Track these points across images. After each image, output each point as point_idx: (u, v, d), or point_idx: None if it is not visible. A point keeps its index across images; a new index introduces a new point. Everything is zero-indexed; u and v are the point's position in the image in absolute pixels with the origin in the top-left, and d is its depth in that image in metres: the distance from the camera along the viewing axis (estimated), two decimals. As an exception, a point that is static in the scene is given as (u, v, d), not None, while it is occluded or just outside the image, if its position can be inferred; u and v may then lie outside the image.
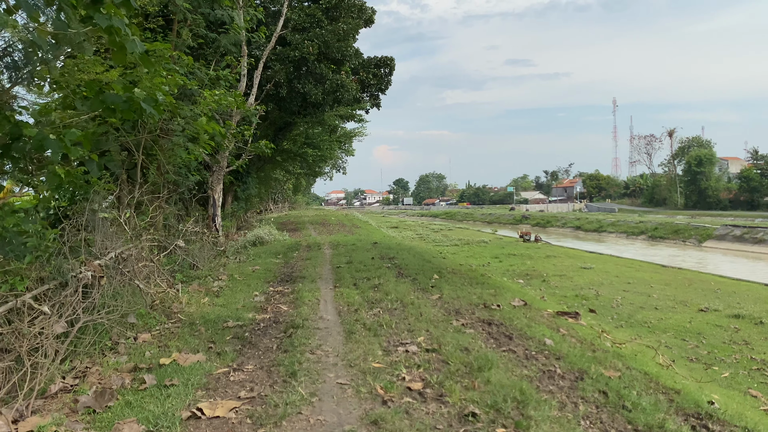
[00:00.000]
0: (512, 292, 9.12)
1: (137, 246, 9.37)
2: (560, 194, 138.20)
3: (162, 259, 10.30)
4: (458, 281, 10.16)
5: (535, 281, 19.24)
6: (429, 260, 13.36)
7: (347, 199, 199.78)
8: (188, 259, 11.04)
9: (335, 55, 20.93)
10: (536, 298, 9.18)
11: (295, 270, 12.02)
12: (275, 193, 62.96)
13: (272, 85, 20.23)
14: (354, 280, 10.32)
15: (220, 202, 20.32)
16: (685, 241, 43.96)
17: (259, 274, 11.46)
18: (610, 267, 23.55)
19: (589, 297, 16.31)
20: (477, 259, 25.97)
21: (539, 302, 8.49)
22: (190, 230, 12.89)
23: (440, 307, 7.75)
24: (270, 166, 29.33)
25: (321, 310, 7.85)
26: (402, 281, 10.02)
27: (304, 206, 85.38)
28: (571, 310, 8.21)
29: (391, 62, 25.70)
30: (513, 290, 9.50)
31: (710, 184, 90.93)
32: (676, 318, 13.82)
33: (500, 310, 7.48)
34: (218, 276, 10.89)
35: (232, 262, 13.32)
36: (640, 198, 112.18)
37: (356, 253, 14.38)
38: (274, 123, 25.54)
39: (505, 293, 8.92)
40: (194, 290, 9.27)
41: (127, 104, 5.97)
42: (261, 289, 9.70)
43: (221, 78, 13.41)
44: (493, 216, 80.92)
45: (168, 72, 10.55)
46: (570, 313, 7.42)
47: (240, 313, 7.54)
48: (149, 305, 7.42)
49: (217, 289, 9.53)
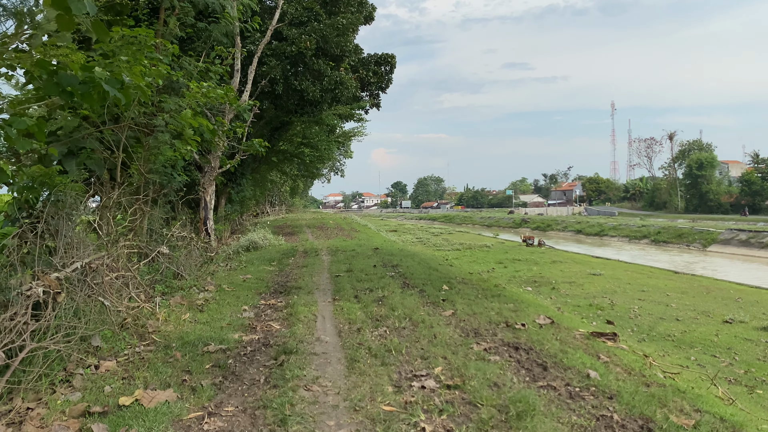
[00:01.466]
0: (534, 307, 8.10)
1: (112, 254, 8.34)
2: (559, 197, 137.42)
3: (141, 268, 9.27)
4: (471, 293, 9.14)
5: (544, 289, 18.24)
6: (435, 268, 12.34)
7: (345, 202, 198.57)
8: (172, 267, 10.01)
9: (334, 50, 19.91)
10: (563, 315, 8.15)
11: (290, 279, 10.99)
12: (272, 196, 61.89)
13: (267, 81, 19.19)
14: (355, 291, 9.30)
15: (212, 204, 19.27)
16: (689, 246, 43.13)
17: (251, 283, 10.43)
18: (620, 273, 22.56)
19: (603, 306, 15.31)
20: (481, 264, 24.98)
21: (567, 319, 7.49)
22: (177, 235, 11.86)
23: (455, 326, 6.72)
24: (265, 168, 28.26)
25: (318, 329, 6.82)
26: (408, 293, 9.00)
27: (301, 209, 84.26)
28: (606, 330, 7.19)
29: (392, 60, 24.73)
30: (534, 304, 8.49)
31: (711, 188, 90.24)
32: (700, 330, 12.82)
33: (526, 331, 6.46)
34: (205, 286, 9.85)
35: (222, 269, 12.28)
36: (640, 201, 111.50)
37: (356, 260, 13.36)
38: (270, 122, 24.52)
39: (526, 308, 7.90)
40: (176, 304, 8.23)
41: (86, 86, 4.95)
42: (251, 301, 8.67)
43: (211, 71, 12.38)
44: (493, 219, 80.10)
45: (151, 61, 9.54)
46: (606, 334, 6.42)
47: (224, 333, 6.51)
48: (119, 324, 6.39)
49: (202, 302, 8.48)
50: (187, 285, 9.58)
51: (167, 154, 10.59)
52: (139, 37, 9.53)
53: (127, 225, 9.60)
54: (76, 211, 8.19)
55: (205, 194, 18.73)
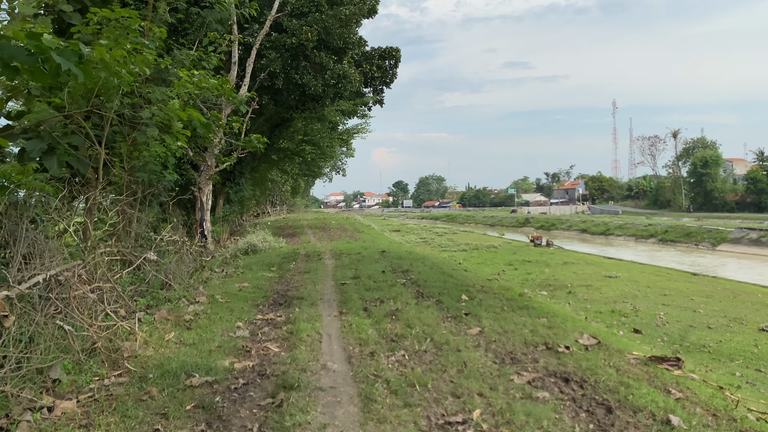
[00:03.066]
0: (571, 322, 7.06)
1: (88, 262, 7.32)
2: (561, 196, 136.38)
3: (123, 278, 8.24)
4: (495, 305, 8.10)
5: (560, 293, 17.18)
6: (450, 274, 11.29)
7: (346, 202, 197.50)
8: (159, 275, 8.98)
9: (336, 42, 18.86)
10: (609, 332, 7.07)
11: (291, 287, 9.95)
12: (273, 196, 60.90)
13: (267, 75, 18.14)
14: (364, 302, 8.26)
15: (209, 205, 18.25)
16: (698, 245, 42.12)
17: (247, 293, 9.39)
18: (637, 275, 21.49)
19: (627, 313, 14.26)
20: (490, 266, 23.94)
21: (615, 339, 6.45)
22: (167, 239, 10.83)
23: (486, 349, 5.69)
24: (265, 166, 27.19)
25: (324, 352, 5.79)
26: (424, 305, 7.97)
27: (302, 209, 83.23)
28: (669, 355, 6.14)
29: (396, 53, 23.68)
30: (569, 318, 7.44)
31: (716, 186, 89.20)
32: (737, 340, 11.75)
33: (571, 355, 5.42)
34: (195, 297, 8.81)
35: (217, 276, 11.24)
36: (643, 200, 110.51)
37: (363, 265, 12.32)
38: (270, 119, 23.47)
39: (562, 324, 6.86)
40: (161, 319, 7.20)
41: (33, 58, 3.92)
42: (247, 316, 7.62)
43: (203, 59, 11.35)
44: (495, 219, 79.12)
45: (135, 46, 8.53)
46: (668, 358, 5.38)
47: (213, 360, 5.47)
48: (87, 350, 5.37)
49: (192, 316, 7.45)
50: (175, 296, 8.54)
51: (156, 150, 9.57)
52: (121, 20, 8.52)
53: (108, 229, 8.58)
54: (44, 215, 7.17)
55: (201, 194, 17.71)
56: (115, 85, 8.32)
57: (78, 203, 8.72)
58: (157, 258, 9.58)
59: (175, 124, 8.78)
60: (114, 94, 8.58)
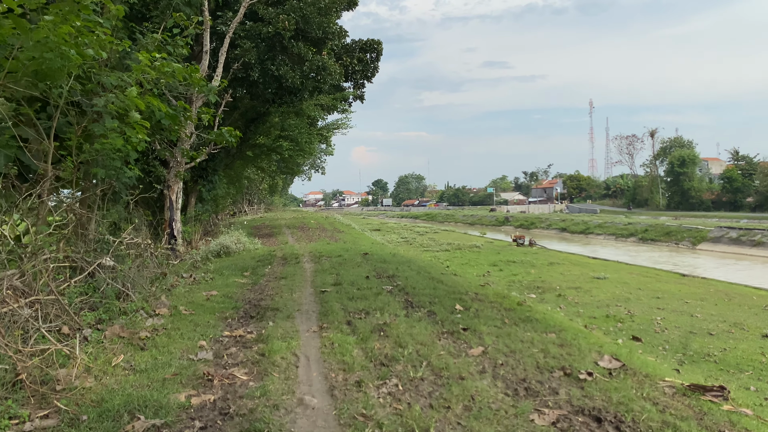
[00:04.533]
0: (584, 338, 6.20)
1: (26, 271, 6.26)
2: (540, 195, 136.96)
3: (72, 288, 7.18)
4: (493, 315, 7.23)
5: (549, 296, 16.49)
6: (439, 279, 10.40)
7: (326, 201, 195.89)
8: (116, 284, 7.92)
9: (315, 32, 17.84)
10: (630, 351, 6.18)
11: (265, 296, 8.96)
12: (250, 194, 59.48)
13: (241, 65, 17.04)
14: (347, 314, 7.33)
15: (179, 204, 17.11)
16: (678, 244, 42.12)
17: (215, 303, 8.37)
18: (625, 276, 20.94)
19: (622, 318, 13.58)
20: (474, 267, 23.22)
21: (638, 359, 5.60)
22: (127, 242, 9.75)
23: (493, 375, 4.81)
24: (240, 163, 25.99)
25: (301, 380, 4.85)
26: (415, 316, 7.07)
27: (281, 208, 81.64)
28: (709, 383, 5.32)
29: (378, 46, 22.71)
30: (581, 333, 6.58)
31: (693, 185, 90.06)
32: (742, 348, 11.11)
33: (595, 383, 4.57)
34: (156, 308, 7.77)
35: (184, 283, 10.18)
36: (621, 199, 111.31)
37: (345, 269, 11.36)
38: (246, 113, 22.33)
39: (574, 340, 6.01)
40: (112, 336, 6.18)
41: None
42: (212, 332, 6.62)
43: (169, 44, 10.27)
44: (475, 218, 78.81)
45: (87, 23, 7.48)
46: (710, 387, 4.55)
47: (166, 393, 4.49)
48: (8, 383, 4.35)
49: (148, 334, 6.43)
50: (133, 308, 7.49)
51: (114, 143, 8.51)
52: (69, -7, 7.47)
53: (54, 232, 7.49)
54: None
55: (171, 192, 16.56)
56: (62, 67, 7.28)
57: (17, 202, 7.63)
58: (114, 263, 8.52)
59: (133, 113, 7.74)
60: (61, 78, 7.53)
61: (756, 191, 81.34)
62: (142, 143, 9.10)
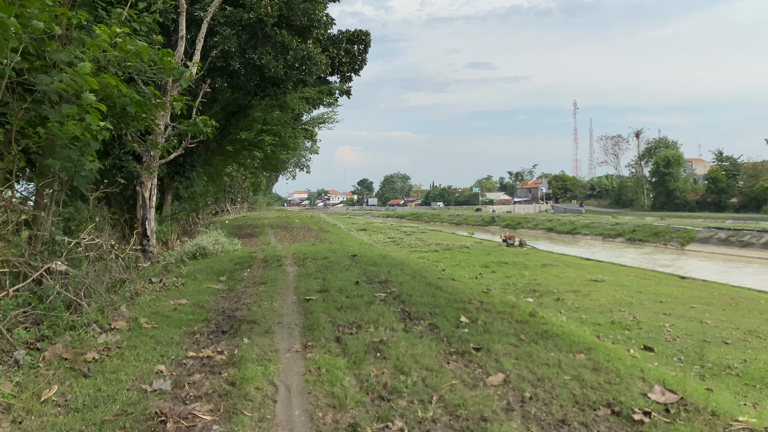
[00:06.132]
0: (618, 358, 5.20)
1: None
2: (525, 195, 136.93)
3: (7, 300, 6.05)
4: (505, 330, 6.23)
5: (548, 300, 15.56)
6: (437, 285, 9.37)
7: (310, 200, 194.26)
8: (66, 293, 6.79)
9: (300, 20, 16.74)
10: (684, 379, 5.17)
11: (242, 305, 7.86)
12: (234, 193, 58.10)
13: (220, 53, 15.86)
14: (335, 328, 6.28)
15: (153, 201, 15.90)
16: (667, 244, 41.77)
17: (183, 313, 7.25)
18: (623, 279, 20.11)
19: (629, 325, 12.69)
20: (465, 268, 22.30)
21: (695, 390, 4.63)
22: (87, 243, 8.60)
23: (523, 415, 3.80)
24: (220, 159, 24.71)
25: (279, 422, 3.79)
26: (415, 331, 6.04)
27: (264, 207, 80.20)
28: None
29: (366, 37, 21.65)
30: (615, 354, 5.55)
31: (678, 186, 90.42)
32: (763, 359, 10.26)
33: (655, 427, 3.58)
34: (113, 321, 6.65)
35: (152, 289, 9.04)
36: (606, 199, 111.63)
37: (332, 273, 10.28)
38: (226, 107, 21.13)
39: (611, 363, 5.01)
40: (53, 358, 5.07)
41: None
42: (175, 352, 5.52)
43: (134, 20, 9.11)
44: (461, 217, 78.27)
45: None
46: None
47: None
48: None
49: (97, 354, 5.32)
50: (84, 321, 6.36)
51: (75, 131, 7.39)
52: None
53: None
54: None
55: (144, 189, 15.36)
56: (0, 38, 6.16)
57: None
58: (67, 268, 7.38)
59: (86, 94, 6.61)
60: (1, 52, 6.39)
61: (740, 192, 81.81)
62: (104, 132, 7.96)
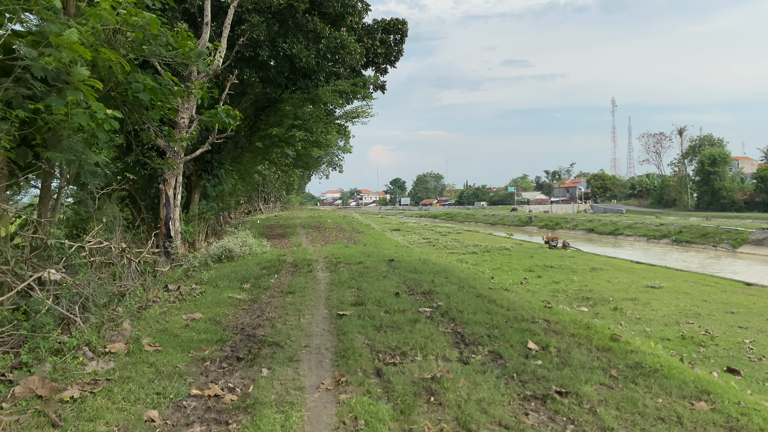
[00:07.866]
0: (755, 409, 3.87)
1: None
2: (562, 194, 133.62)
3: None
4: (588, 362, 4.91)
5: (604, 309, 14.04)
6: (489, 297, 8.05)
7: (343, 199, 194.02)
8: (58, 307, 5.74)
9: (334, 6, 15.61)
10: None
11: (264, 320, 6.72)
12: (267, 192, 57.56)
13: (248, 41, 14.82)
14: (375, 356, 5.06)
15: (179, 200, 14.99)
16: (716, 247, 39.28)
17: (194, 332, 6.13)
18: (682, 285, 18.39)
19: (702, 340, 11.15)
20: (507, 272, 20.78)
21: None
22: (91, 246, 7.60)
23: None
24: (250, 156, 23.80)
25: None
26: (475, 362, 4.78)
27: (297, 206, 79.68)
28: None
29: (403, 27, 20.37)
30: (744, 401, 4.24)
31: (724, 185, 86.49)
32: None
33: None
34: (110, 341, 5.58)
35: (166, 299, 7.98)
36: (647, 199, 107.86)
37: (367, 282, 9.06)
38: (256, 102, 20.17)
39: (748, 419, 3.69)
40: (21, 397, 4.01)
41: None
42: (175, 389, 4.38)
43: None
44: (497, 217, 76.32)
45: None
46: None
47: None
48: None
49: (78, 391, 4.22)
50: (73, 343, 5.30)
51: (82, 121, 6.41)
52: None
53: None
54: None
55: (167, 187, 14.44)
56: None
57: None
58: (62, 276, 6.34)
59: (77, 69, 5.57)
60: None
61: (792, 191, 77.71)
62: (111, 121, 6.95)
